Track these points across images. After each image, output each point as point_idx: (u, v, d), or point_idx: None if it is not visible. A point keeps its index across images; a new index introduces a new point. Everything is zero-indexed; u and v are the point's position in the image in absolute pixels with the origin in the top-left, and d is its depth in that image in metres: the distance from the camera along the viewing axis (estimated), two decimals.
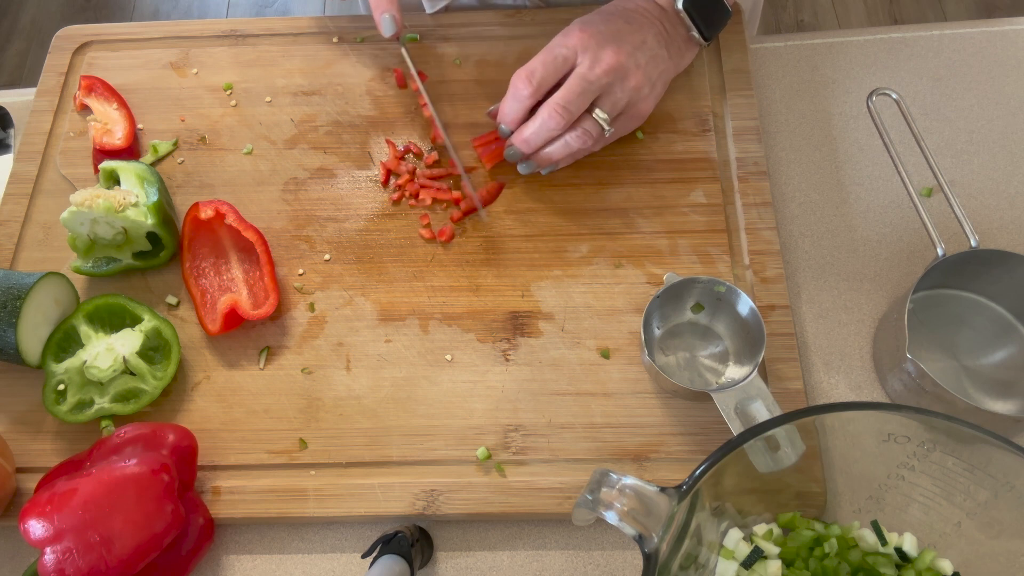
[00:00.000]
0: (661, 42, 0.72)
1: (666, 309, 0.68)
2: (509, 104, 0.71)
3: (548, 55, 0.69)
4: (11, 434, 0.69)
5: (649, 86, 0.71)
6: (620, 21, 0.71)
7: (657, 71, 0.72)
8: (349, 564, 0.65)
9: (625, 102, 0.70)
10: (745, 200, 0.74)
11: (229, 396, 0.69)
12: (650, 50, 0.71)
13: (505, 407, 0.67)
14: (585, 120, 0.70)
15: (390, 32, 0.74)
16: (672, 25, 0.73)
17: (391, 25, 0.74)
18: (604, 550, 0.64)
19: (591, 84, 0.68)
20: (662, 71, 0.72)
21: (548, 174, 0.76)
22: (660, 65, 0.72)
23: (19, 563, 0.66)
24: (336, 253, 0.75)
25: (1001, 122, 0.80)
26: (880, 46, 0.85)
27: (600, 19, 0.71)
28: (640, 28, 0.71)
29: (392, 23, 0.74)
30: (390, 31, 0.74)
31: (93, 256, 0.73)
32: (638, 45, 0.70)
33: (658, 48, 0.71)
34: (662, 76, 0.73)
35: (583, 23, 0.70)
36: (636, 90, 0.70)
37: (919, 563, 0.57)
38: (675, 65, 0.75)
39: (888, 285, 0.73)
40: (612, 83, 0.69)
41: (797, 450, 0.57)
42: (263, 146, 0.80)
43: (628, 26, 0.70)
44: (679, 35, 0.74)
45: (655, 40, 0.71)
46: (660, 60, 0.72)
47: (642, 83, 0.70)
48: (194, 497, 0.64)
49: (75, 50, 0.87)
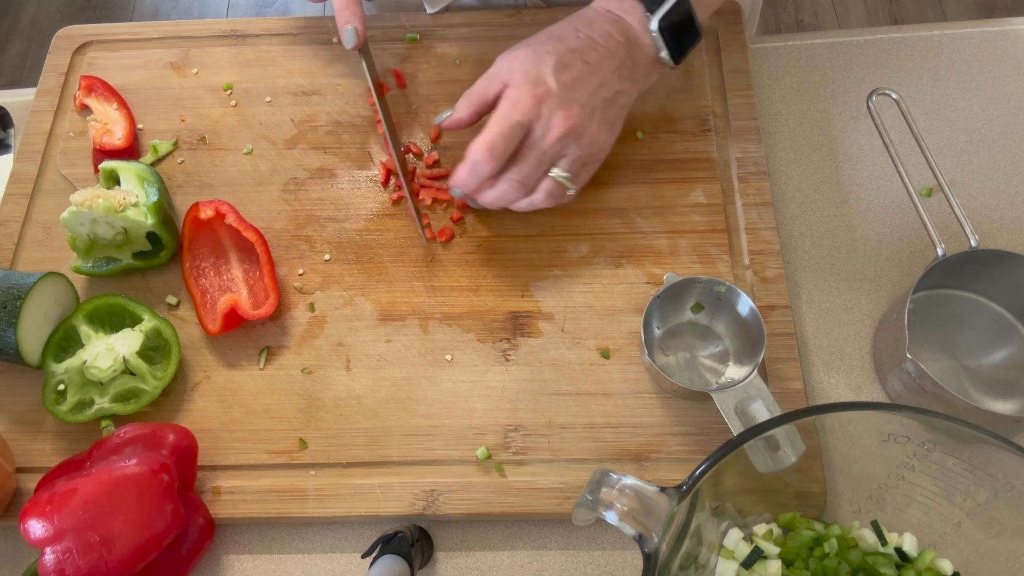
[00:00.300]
0: (623, 75, 0.69)
1: (666, 309, 0.68)
2: (468, 176, 0.67)
3: (504, 125, 0.65)
4: (11, 434, 0.69)
5: (608, 131, 0.69)
6: (577, 62, 0.67)
7: (614, 111, 0.69)
8: (349, 564, 0.65)
9: (583, 159, 0.68)
10: (745, 200, 0.74)
11: (229, 396, 0.69)
12: (608, 91, 0.68)
13: (505, 407, 0.67)
14: (545, 181, 0.68)
15: (351, 44, 0.74)
16: (639, 48, 0.69)
17: (352, 37, 0.73)
18: (604, 550, 0.64)
19: (545, 155, 0.66)
20: (621, 106, 0.70)
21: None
22: (619, 101, 0.69)
23: (19, 563, 0.66)
24: (336, 253, 0.75)
25: (1001, 122, 0.80)
26: (880, 46, 0.85)
27: (555, 65, 0.66)
28: (599, 66, 0.67)
29: (354, 35, 0.73)
30: (351, 43, 0.74)
31: (93, 256, 0.73)
32: (593, 92, 0.67)
33: (617, 83, 0.69)
34: (620, 112, 0.70)
35: (535, 81, 0.66)
36: (592, 143, 0.68)
37: (919, 563, 0.57)
38: (638, 90, 0.72)
39: (888, 285, 0.73)
40: (567, 146, 0.67)
41: (797, 450, 0.57)
42: (263, 146, 0.80)
43: (584, 67, 0.67)
44: (645, 59, 0.70)
45: (614, 76, 0.68)
46: (620, 96, 0.69)
47: (597, 134, 0.68)
48: (194, 497, 0.64)
49: (75, 50, 0.87)
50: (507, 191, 0.68)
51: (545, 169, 0.68)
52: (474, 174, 0.67)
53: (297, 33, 0.86)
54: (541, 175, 0.68)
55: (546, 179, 0.68)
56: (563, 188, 0.69)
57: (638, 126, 0.79)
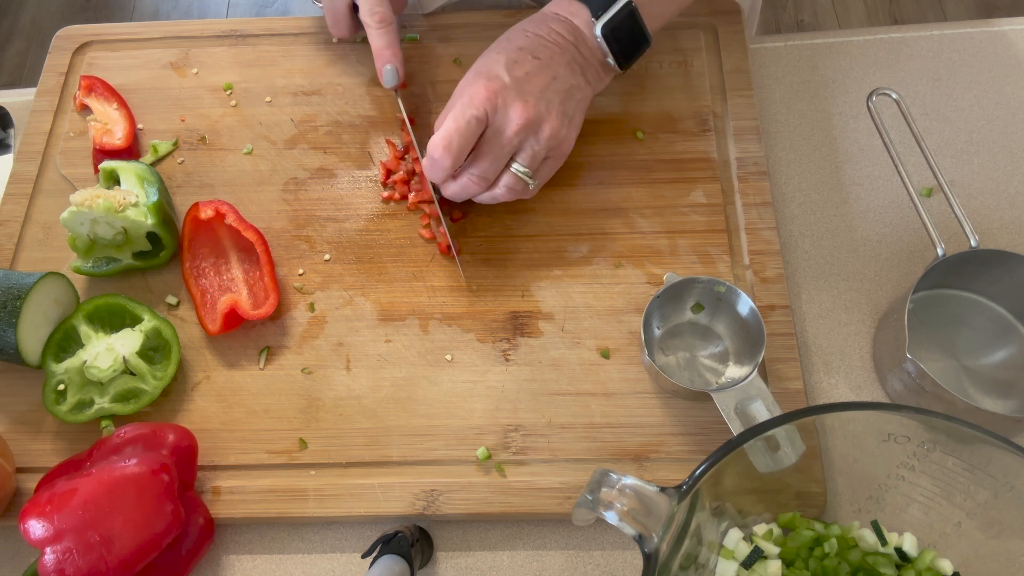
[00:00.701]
0: (575, 70, 0.69)
1: (666, 309, 0.68)
2: (428, 171, 0.68)
3: (461, 120, 0.65)
4: (11, 434, 0.69)
5: (566, 125, 0.69)
6: (528, 58, 0.67)
7: (573, 104, 0.69)
8: (349, 564, 0.65)
9: (544, 151, 0.68)
10: (745, 200, 0.74)
11: (229, 396, 0.69)
12: (562, 84, 0.68)
13: (505, 407, 0.67)
14: (506, 176, 0.68)
15: (391, 84, 0.75)
16: (588, 49, 0.70)
17: (393, 77, 0.75)
18: (604, 550, 0.64)
19: (504, 148, 0.67)
20: (579, 100, 0.70)
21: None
22: (576, 95, 0.69)
23: (19, 563, 0.66)
24: (336, 253, 0.75)
25: (1001, 122, 0.80)
26: (880, 46, 0.85)
27: (506, 62, 0.67)
28: (550, 61, 0.68)
29: (394, 75, 0.75)
30: (391, 83, 0.75)
31: (93, 256, 0.73)
32: (547, 84, 0.67)
33: (571, 78, 0.69)
34: (579, 105, 0.70)
35: (488, 76, 0.67)
36: (552, 137, 0.68)
37: (919, 563, 0.57)
38: (593, 89, 0.72)
39: (888, 285, 0.73)
40: (525, 139, 0.67)
41: (797, 450, 0.57)
42: (263, 146, 0.80)
43: (536, 63, 0.67)
44: (594, 60, 0.71)
45: (567, 70, 0.68)
46: (575, 91, 0.69)
47: (557, 127, 0.68)
48: (194, 497, 0.64)
49: (75, 50, 0.87)
50: (467, 185, 0.69)
51: (504, 163, 0.68)
52: (433, 169, 0.67)
53: (297, 33, 0.86)
54: (499, 168, 0.68)
55: (506, 174, 0.69)
56: (524, 183, 0.69)
57: (638, 126, 0.79)
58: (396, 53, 0.75)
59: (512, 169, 0.68)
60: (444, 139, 0.66)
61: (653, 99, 0.80)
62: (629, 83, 0.81)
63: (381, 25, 0.74)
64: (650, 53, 0.82)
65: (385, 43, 0.74)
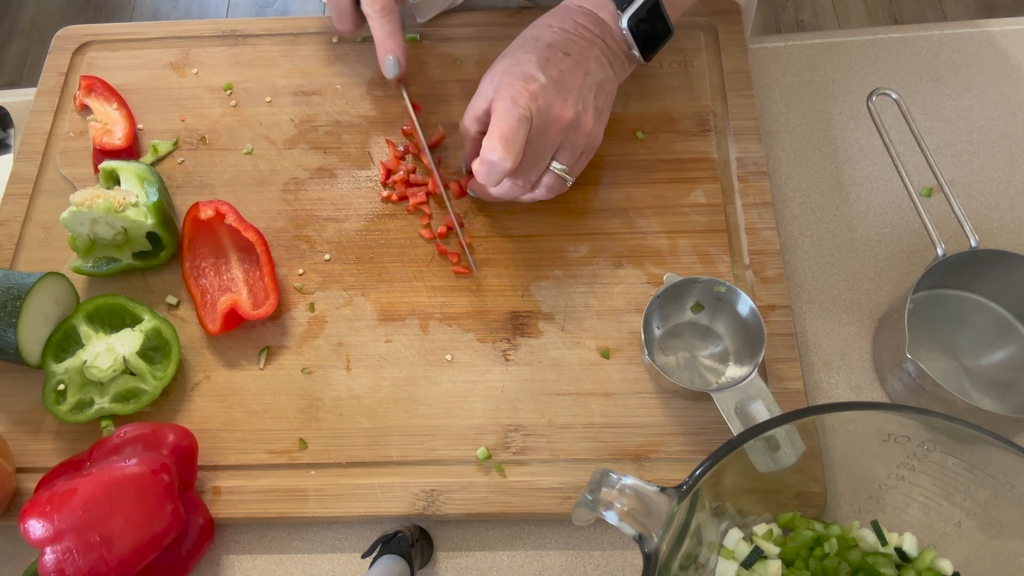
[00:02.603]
0: (605, 63, 0.69)
1: (666, 309, 0.68)
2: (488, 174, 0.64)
3: (512, 120, 0.63)
4: (11, 434, 0.69)
5: (600, 120, 0.69)
6: (559, 55, 0.67)
7: (604, 98, 0.69)
8: (349, 564, 0.65)
9: (581, 148, 0.69)
10: (745, 200, 0.74)
11: (229, 396, 0.69)
12: (594, 79, 0.68)
13: (505, 407, 0.67)
14: (546, 176, 0.68)
15: (393, 74, 0.74)
16: (614, 41, 0.70)
17: (395, 67, 0.74)
18: (604, 550, 0.64)
19: (546, 148, 0.67)
20: (608, 93, 0.70)
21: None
22: (607, 88, 0.70)
23: (19, 563, 0.66)
24: (336, 253, 0.75)
25: (1001, 122, 0.80)
26: (880, 46, 0.85)
27: (538, 61, 0.66)
28: (582, 57, 0.68)
29: (396, 66, 0.74)
30: (393, 73, 0.74)
31: (93, 256, 0.73)
32: (582, 81, 0.67)
33: (602, 71, 0.69)
34: (608, 99, 0.70)
35: (524, 77, 0.65)
36: (589, 133, 0.68)
37: (919, 563, 0.57)
38: (619, 80, 0.72)
39: (888, 285, 0.73)
40: (566, 137, 0.67)
41: (797, 450, 0.57)
42: (263, 146, 0.80)
43: (568, 59, 0.67)
44: (621, 51, 0.71)
45: (597, 64, 0.68)
46: (606, 84, 0.69)
47: (592, 123, 0.68)
48: (194, 497, 0.64)
49: (75, 50, 0.87)
50: (511, 189, 0.69)
51: (546, 164, 0.68)
52: (492, 172, 0.64)
53: (297, 33, 0.86)
54: (542, 170, 0.68)
55: (547, 174, 0.69)
56: (563, 181, 0.69)
57: (638, 126, 0.79)
58: (398, 43, 0.74)
59: (552, 168, 0.68)
60: (502, 139, 0.63)
61: (653, 99, 0.80)
62: (629, 83, 0.81)
63: (383, 14, 0.73)
64: None
65: (387, 32, 0.74)
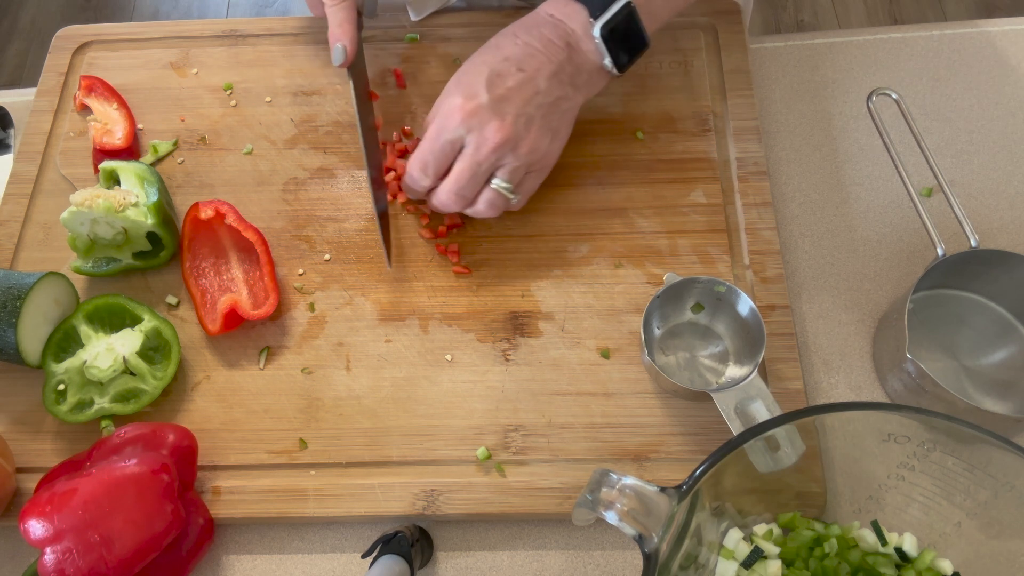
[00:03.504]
0: (563, 80, 0.67)
1: (666, 309, 0.68)
2: (408, 188, 0.72)
3: (435, 143, 0.67)
4: (11, 434, 0.69)
5: (548, 138, 0.68)
6: (512, 71, 0.66)
7: (557, 117, 0.68)
8: (349, 564, 0.65)
9: (524, 167, 0.68)
10: (745, 200, 0.74)
11: (229, 396, 0.69)
12: (546, 97, 0.67)
13: (505, 407, 0.67)
14: (486, 191, 0.68)
15: (339, 62, 0.73)
16: (581, 54, 0.68)
17: (341, 55, 0.73)
18: (604, 550, 0.64)
19: (480, 166, 0.66)
20: (565, 111, 0.69)
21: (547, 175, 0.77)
22: (562, 107, 0.68)
23: (19, 563, 0.66)
24: (336, 253, 0.75)
25: (1001, 122, 0.80)
26: (880, 46, 0.85)
27: (488, 75, 0.66)
28: (536, 73, 0.66)
29: (342, 53, 0.73)
30: (339, 60, 0.73)
31: (93, 256, 0.73)
32: (529, 99, 0.66)
33: (558, 89, 0.67)
34: (565, 117, 0.69)
35: (466, 94, 0.66)
36: (531, 152, 0.67)
37: (919, 563, 0.57)
38: (583, 96, 0.70)
39: (888, 285, 0.73)
40: (502, 156, 0.66)
41: (797, 450, 0.57)
42: (263, 146, 0.80)
43: (519, 76, 0.66)
44: (588, 65, 0.69)
45: (552, 82, 0.67)
46: (561, 102, 0.68)
47: (537, 143, 0.67)
48: (194, 497, 0.64)
49: (75, 50, 0.87)
50: (446, 202, 0.69)
51: (482, 181, 0.68)
52: (412, 187, 0.71)
53: (297, 33, 0.86)
54: (479, 187, 0.68)
55: (486, 190, 0.68)
56: (505, 198, 0.69)
57: (638, 126, 0.79)
58: (347, 31, 0.72)
59: (492, 185, 0.68)
60: (420, 161, 0.68)
61: (653, 99, 0.80)
62: (629, 83, 0.81)
63: (336, 2, 0.72)
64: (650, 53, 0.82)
65: (338, 21, 0.72)
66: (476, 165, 0.66)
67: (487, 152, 0.66)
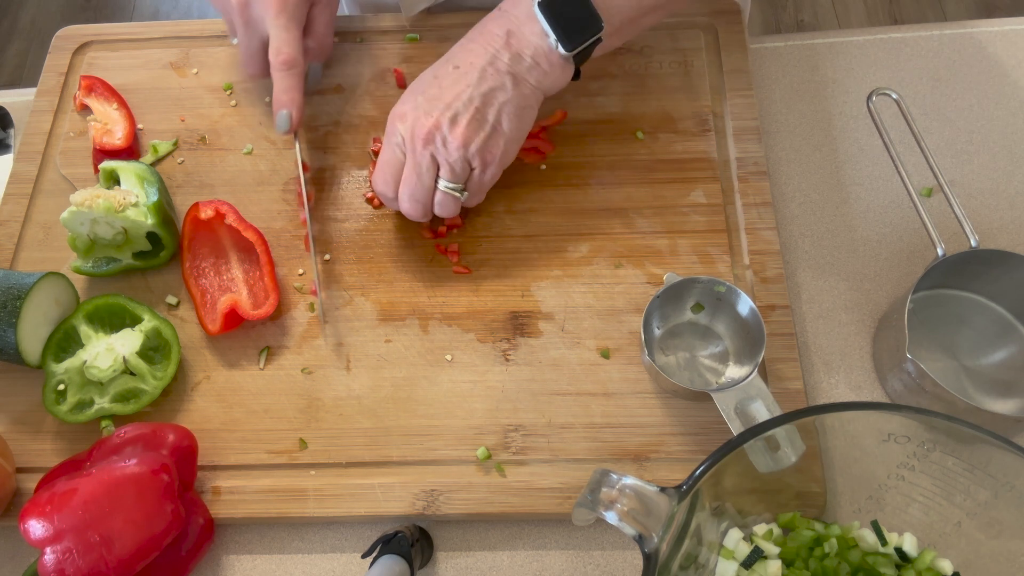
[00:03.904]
0: (499, 70, 0.66)
1: (666, 309, 0.68)
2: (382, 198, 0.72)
3: (385, 151, 0.69)
4: (11, 434, 0.69)
5: (484, 131, 0.66)
6: (448, 70, 0.67)
7: (494, 109, 0.66)
8: (349, 564, 0.65)
9: (461, 162, 0.67)
10: (745, 200, 0.74)
11: (229, 396, 0.69)
12: (479, 89, 0.65)
13: (505, 407, 0.67)
14: (437, 194, 0.68)
15: (283, 129, 0.74)
16: (519, 40, 0.66)
17: (286, 123, 0.74)
18: (604, 550, 0.64)
19: (419, 165, 0.67)
20: (503, 103, 0.66)
21: (546, 173, 0.77)
22: (498, 98, 0.66)
23: (19, 563, 0.66)
24: (336, 253, 0.75)
25: (1001, 122, 0.80)
26: (880, 46, 0.85)
27: (428, 78, 0.68)
28: (468, 68, 0.66)
29: (287, 121, 0.74)
30: (283, 128, 0.74)
31: (93, 256, 0.73)
32: (458, 94, 0.66)
33: (491, 79, 0.66)
34: (507, 108, 0.66)
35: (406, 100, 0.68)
36: (463, 147, 0.66)
37: (919, 563, 0.57)
38: (533, 86, 0.67)
39: (888, 285, 0.73)
40: (434, 152, 0.66)
41: (797, 450, 0.57)
42: (263, 146, 0.80)
43: (453, 73, 0.67)
44: (530, 49, 0.66)
45: (490, 73, 0.66)
46: (497, 93, 0.66)
47: (467, 136, 0.65)
48: (194, 497, 0.64)
49: (75, 50, 0.87)
50: (408, 210, 0.70)
51: (430, 183, 0.68)
52: (386, 196, 0.71)
53: None
54: (428, 185, 0.68)
55: (437, 192, 0.68)
56: (454, 198, 0.69)
57: (638, 126, 0.79)
58: (294, 99, 0.74)
59: (440, 186, 0.68)
60: (379, 173, 0.70)
61: (653, 99, 0.80)
62: (629, 83, 0.81)
63: (284, 67, 0.73)
64: (650, 53, 0.82)
65: (284, 87, 0.73)
66: (416, 166, 0.67)
67: (419, 150, 0.66)
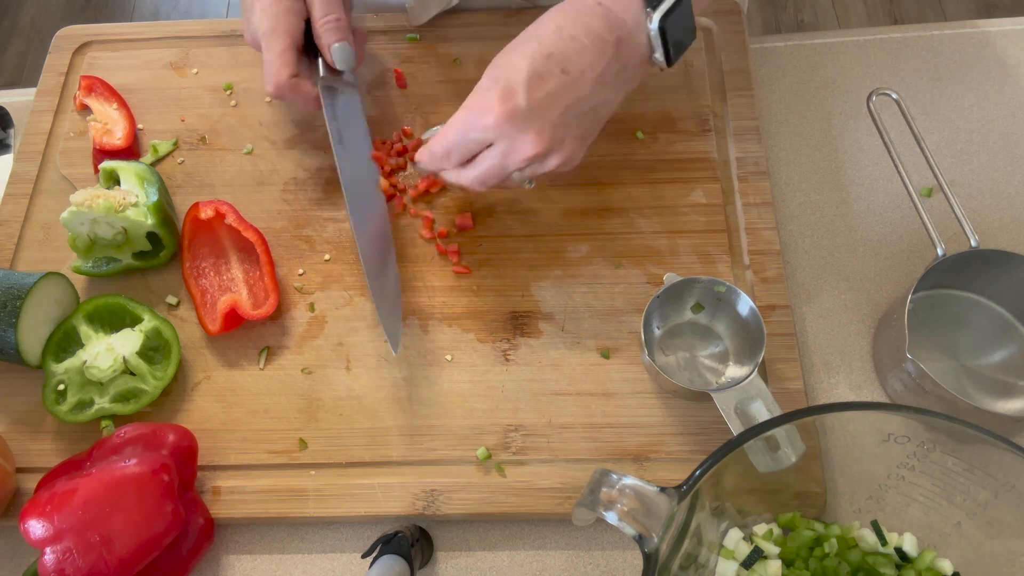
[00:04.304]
0: (607, 83, 0.62)
1: (666, 309, 0.68)
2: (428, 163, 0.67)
3: (465, 136, 0.62)
4: (11, 434, 0.69)
5: (581, 144, 0.64)
6: (555, 72, 0.60)
7: (591, 122, 0.64)
8: (349, 564, 0.65)
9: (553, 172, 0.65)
10: (745, 200, 0.74)
11: (229, 396, 0.69)
12: (586, 104, 0.62)
13: (505, 407, 0.67)
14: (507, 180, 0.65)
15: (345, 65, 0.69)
16: (628, 50, 0.62)
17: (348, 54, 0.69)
18: (604, 550, 0.64)
19: (507, 168, 0.63)
20: (601, 117, 0.65)
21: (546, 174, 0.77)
22: (601, 112, 0.64)
23: (19, 563, 0.66)
24: (336, 253, 0.75)
25: (1001, 122, 0.80)
26: (880, 46, 0.85)
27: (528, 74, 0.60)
28: (580, 77, 0.61)
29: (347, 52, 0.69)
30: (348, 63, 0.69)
31: (93, 256, 0.73)
32: (568, 107, 0.61)
33: (601, 93, 0.62)
34: (599, 122, 0.65)
35: (504, 92, 0.60)
36: (564, 164, 0.64)
37: (919, 563, 0.57)
38: (622, 95, 0.66)
39: (888, 285, 0.73)
40: (532, 166, 0.63)
41: (797, 450, 0.57)
42: (263, 146, 0.80)
43: (562, 79, 0.61)
44: (634, 59, 0.63)
45: (595, 87, 0.62)
46: (601, 108, 0.64)
47: (569, 155, 0.63)
48: (194, 497, 0.64)
49: (75, 50, 0.87)
50: (466, 184, 0.65)
51: (505, 176, 0.65)
52: (432, 165, 0.66)
53: None
54: (504, 177, 0.65)
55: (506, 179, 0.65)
56: (522, 186, 0.67)
57: (638, 126, 0.79)
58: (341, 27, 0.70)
59: (515, 178, 0.65)
60: (444, 148, 0.64)
61: (653, 99, 0.80)
62: None
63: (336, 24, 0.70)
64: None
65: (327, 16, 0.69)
66: (503, 168, 0.63)
67: (518, 161, 0.62)
